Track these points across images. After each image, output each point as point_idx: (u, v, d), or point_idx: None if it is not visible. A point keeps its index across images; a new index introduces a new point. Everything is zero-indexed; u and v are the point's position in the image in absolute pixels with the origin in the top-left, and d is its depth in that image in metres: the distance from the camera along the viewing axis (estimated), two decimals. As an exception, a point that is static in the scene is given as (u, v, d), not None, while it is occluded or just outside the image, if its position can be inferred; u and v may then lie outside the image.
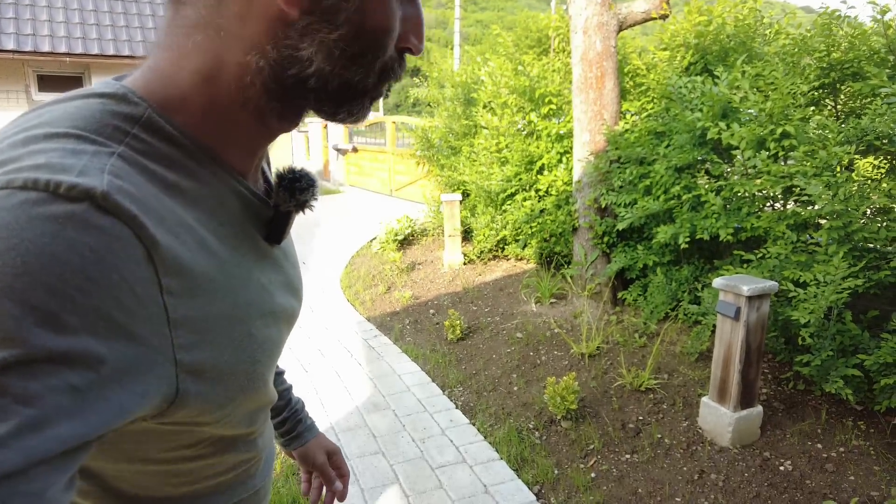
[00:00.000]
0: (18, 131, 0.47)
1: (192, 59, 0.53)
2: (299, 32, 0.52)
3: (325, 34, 0.53)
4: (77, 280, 0.40)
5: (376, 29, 0.55)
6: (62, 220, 0.41)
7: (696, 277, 3.84)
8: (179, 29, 0.54)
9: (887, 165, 3.36)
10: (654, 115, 4.32)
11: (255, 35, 0.52)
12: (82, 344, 0.40)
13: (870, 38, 3.43)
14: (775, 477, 2.53)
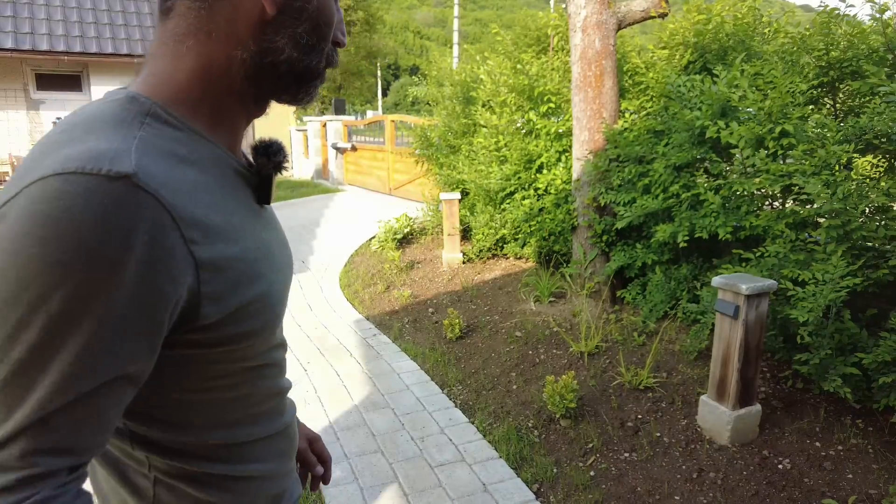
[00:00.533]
0: (60, 132, 0.60)
1: (186, 60, 0.66)
2: (274, 28, 0.68)
3: (294, 28, 0.69)
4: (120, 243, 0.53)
5: (327, 23, 0.72)
6: (107, 198, 0.53)
7: (695, 276, 3.84)
8: (171, 38, 0.67)
9: (886, 164, 3.36)
10: (653, 113, 4.33)
11: (241, 33, 0.67)
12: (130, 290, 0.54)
13: (868, 36, 3.43)
14: (774, 475, 2.54)
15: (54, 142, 0.58)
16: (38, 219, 0.52)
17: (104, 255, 0.52)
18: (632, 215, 3.86)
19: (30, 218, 0.52)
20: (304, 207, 9.72)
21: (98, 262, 0.52)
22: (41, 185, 0.53)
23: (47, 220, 0.52)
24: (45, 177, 0.53)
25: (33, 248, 0.51)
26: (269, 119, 4.15)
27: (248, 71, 0.69)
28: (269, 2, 0.67)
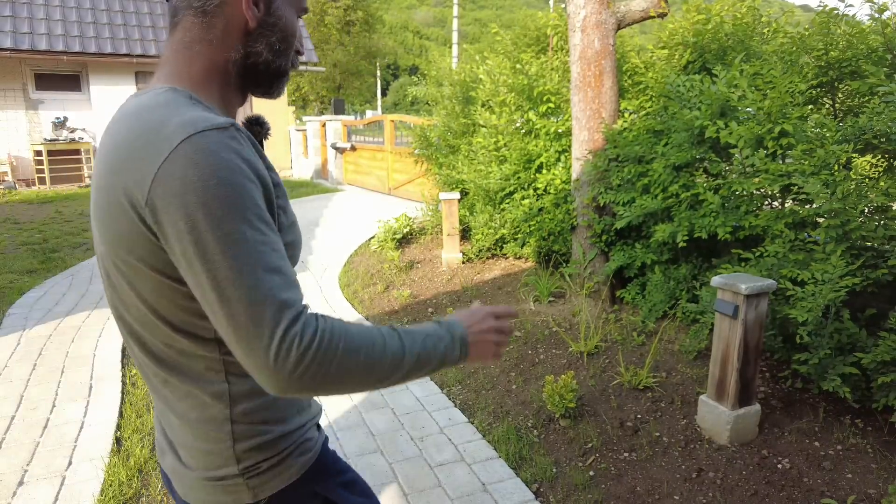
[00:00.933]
0: (147, 113, 0.81)
1: (197, 61, 0.89)
2: (255, 37, 0.91)
3: (268, 37, 0.92)
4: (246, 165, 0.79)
5: (292, 34, 0.96)
6: (227, 137, 0.78)
7: (695, 276, 3.84)
8: (181, 45, 0.89)
9: (885, 164, 3.36)
10: (652, 113, 4.33)
11: (232, 41, 0.90)
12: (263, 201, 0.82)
13: (868, 36, 3.44)
14: (773, 475, 2.54)
15: (155, 119, 0.79)
16: (211, 157, 0.75)
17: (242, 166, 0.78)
18: (631, 215, 3.86)
19: (206, 159, 0.75)
20: (304, 207, 9.72)
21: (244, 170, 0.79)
22: (188, 142, 0.75)
23: (218, 156, 0.76)
24: (186, 137, 0.76)
25: (223, 176, 0.75)
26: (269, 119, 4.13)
27: (238, 68, 0.92)
28: (251, 17, 0.90)
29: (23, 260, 6.23)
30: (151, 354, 0.89)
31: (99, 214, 0.84)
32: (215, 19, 0.88)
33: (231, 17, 0.89)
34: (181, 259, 0.77)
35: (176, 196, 0.74)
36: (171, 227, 0.75)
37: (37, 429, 2.98)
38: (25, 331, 4.27)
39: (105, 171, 0.82)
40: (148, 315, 0.85)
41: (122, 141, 0.80)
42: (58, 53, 12.15)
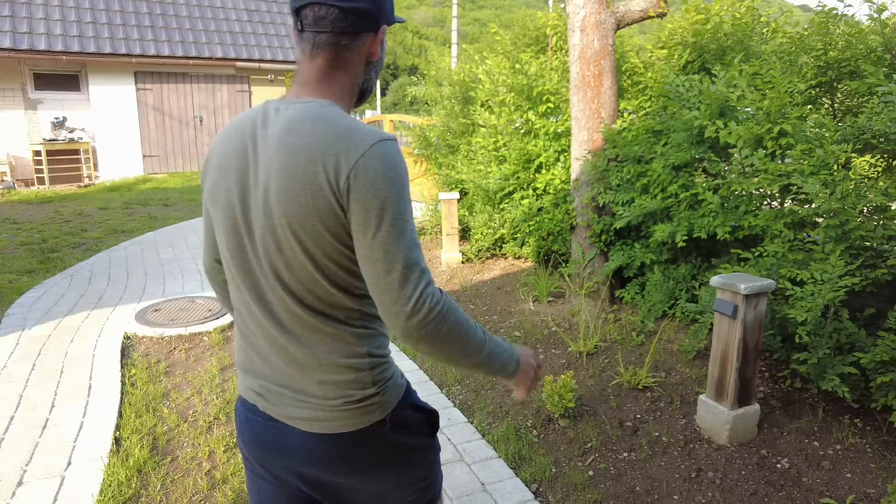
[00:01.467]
0: (332, 122, 1.07)
1: (336, 83, 1.16)
2: (369, 68, 1.20)
3: (376, 67, 1.22)
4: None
5: (381, 65, 1.25)
6: (396, 147, 1.07)
7: (694, 276, 3.85)
8: (321, 71, 1.14)
9: (884, 164, 3.37)
10: (651, 113, 4.33)
11: (360, 70, 1.18)
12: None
13: (867, 36, 3.44)
14: (772, 474, 2.54)
15: (343, 126, 1.06)
16: (394, 159, 1.05)
17: (405, 168, 1.08)
18: (630, 215, 3.86)
19: (391, 160, 1.04)
20: (303, 207, 9.71)
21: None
22: (378, 146, 1.04)
23: (397, 159, 1.06)
24: (376, 142, 1.04)
25: (401, 173, 1.06)
26: None
27: (359, 89, 1.21)
28: (376, 53, 1.20)
29: (22, 260, 6.23)
30: (307, 307, 1.12)
31: (287, 191, 1.06)
32: (353, 54, 1.15)
33: (363, 53, 1.17)
34: (361, 227, 1.03)
35: (370, 182, 1.02)
36: (360, 204, 1.02)
37: (36, 429, 2.98)
38: (24, 331, 4.27)
39: (300, 159, 1.04)
40: (314, 274, 1.09)
41: (318, 139, 1.05)
42: (57, 53, 12.14)
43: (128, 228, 8.02)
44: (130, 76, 13.46)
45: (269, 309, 1.15)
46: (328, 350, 1.14)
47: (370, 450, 1.18)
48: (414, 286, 1.03)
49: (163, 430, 2.99)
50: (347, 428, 1.15)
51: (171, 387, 3.47)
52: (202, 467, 2.69)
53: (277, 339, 1.16)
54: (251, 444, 1.26)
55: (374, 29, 1.17)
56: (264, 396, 1.21)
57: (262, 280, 1.14)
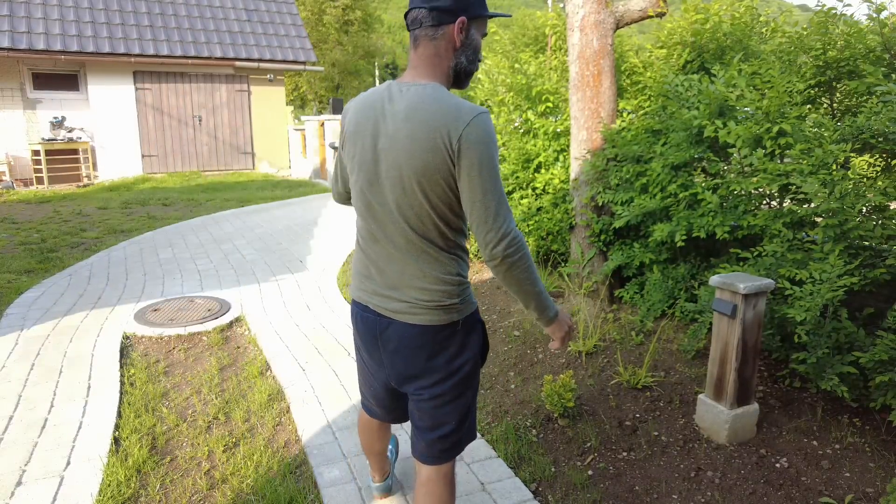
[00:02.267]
0: (438, 99, 1.50)
1: (438, 68, 1.59)
2: (460, 51, 1.59)
3: (466, 52, 1.60)
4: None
5: (477, 50, 1.63)
6: (490, 118, 1.51)
7: (693, 275, 3.85)
8: (424, 58, 1.58)
9: (883, 163, 3.37)
10: (650, 113, 4.33)
11: (450, 55, 1.59)
12: None
13: (866, 36, 3.44)
14: (771, 474, 2.54)
15: (453, 102, 1.49)
16: (488, 127, 1.48)
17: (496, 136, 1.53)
18: (629, 215, 3.86)
19: (486, 128, 1.47)
20: (302, 207, 9.72)
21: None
22: (479, 117, 1.47)
23: (490, 128, 1.48)
24: (478, 114, 1.47)
25: (493, 137, 1.48)
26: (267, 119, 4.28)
27: (453, 73, 1.61)
28: (458, 40, 1.56)
29: (20, 260, 6.22)
30: (419, 234, 1.59)
31: (414, 152, 1.49)
32: (441, 42, 1.57)
33: (450, 41, 1.58)
34: (466, 177, 1.48)
35: (474, 143, 1.46)
36: (466, 160, 1.47)
37: (35, 429, 2.98)
38: (23, 331, 4.27)
39: (423, 129, 1.48)
40: (428, 211, 1.55)
41: (436, 111, 1.48)
42: (55, 53, 12.13)
43: (127, 228, 8.02)
44: (129, 76, 13.46)
45: (389, 235, 1.62)
46: (431, 267, 1.62)
47: (442, 340, 1.69)
48: (503, 220, 1.50)
49: (162, 430, 2.99)
50: (434, 322, 1.66)
51: (170, 386, 3.47)
52: (201, 467, 2.69)
53: (393, 256, 1.64)
54: (364, 335, 1.78)
55: (453, 21, 1.55)
56: (377, 298, 1.71)
57: (388, 214, 1.60)
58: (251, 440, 2.90)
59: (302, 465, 2.70)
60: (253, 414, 3.15)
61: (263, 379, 3.56)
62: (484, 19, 1.64)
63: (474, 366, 1.77)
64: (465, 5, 1.56)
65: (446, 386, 1.72)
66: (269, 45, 14.87)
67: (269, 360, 3.81)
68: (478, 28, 1.62)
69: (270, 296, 5.15)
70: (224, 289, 5.33)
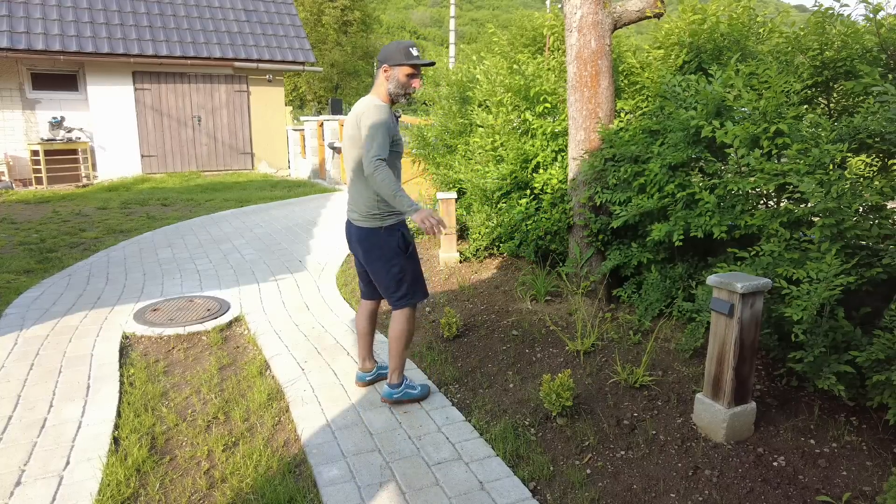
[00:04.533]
0: (366, 101, 2.96)
1: (382, 89, 3.00)
2: (389, 83, 3.01)
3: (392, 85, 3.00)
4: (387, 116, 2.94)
5: (404, 84, 2.99)
6: (384, 107, 2.94)
7: (691, 275, 3.86)
8: (378, 81, 3.01)
9: (879, 163, 3.38)
10: (648, 113, 4.34)
11: (387, 86, 3.01)
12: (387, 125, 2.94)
13: (862, 36, 3.45)
14: (769, 472, 2.56)
15: (366, 103, 2.93)
16: (372, 111, 2.88)
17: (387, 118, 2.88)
18: (627, 214, 3.87)
19: (371, 112, 2.88)
20: (301, 207, 9.72)
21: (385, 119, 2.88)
22: (371, 107, 2.90)
23: (375, 111, 2.88)
24: (371, 104, 2.91)
25: (375, 118, 2.85)
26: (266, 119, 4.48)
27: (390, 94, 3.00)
28: (385, 77, 2.97)
29: (20, 260, 6.23)
30: (357, 174, 2.98)
31: (348, 126, 2.98)
32: (388, 76, 2.95)
33: (391, 78, 2.94)
34: (363, 135, 2.86)
35: (366, 118, 2.84)
36: (364, 130, 2.84)
37: (34, 429, 2.98)
38: (23, 331, 4.27)
39: (353, 113, 2.95)
40: (357, 157, 2.95)
41: (359, 106, 2.94)
42: (54, 53, 12.13)
43: (126, 228, 8.02)
44: (128, 76, 13.46)
45: (350, 174, 3.01)
46: (366, 194, 2.95)
47: (373, 237, 3.00)
48: (373, 156, 2.74)
49: (161, 430, 3.00)
50: (368, 225, 2.99)
51: (169, 386, 3.48)
52: (201, 466, 2.70)
53: (352, 187, 3.02)
54: (347, 236, 3.16)
55: (379, 66, 2.99)
56: (349, 213, 3.08)
57: (348, 162, 3.02)
58: (250, 439, 2.91)
59: (301, 464, 2.70)
60: (252, 413, 3.16)
61: (263, 378, 3.56)
62: (403, 66, 2.91)
63: (395, 253, 3.00)
64: (387, 58, 2.93)
65: (377, 265, 3.02)
66: (268, 46, 14.87)
67: (269, 360, 3.82)
68: (401, 70, 2.91)
69: (270, 295, 5.15)
70: (223, 289, 5.34)
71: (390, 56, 2.90)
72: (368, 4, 39.15)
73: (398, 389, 3.20)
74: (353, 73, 36.36)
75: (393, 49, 2.91)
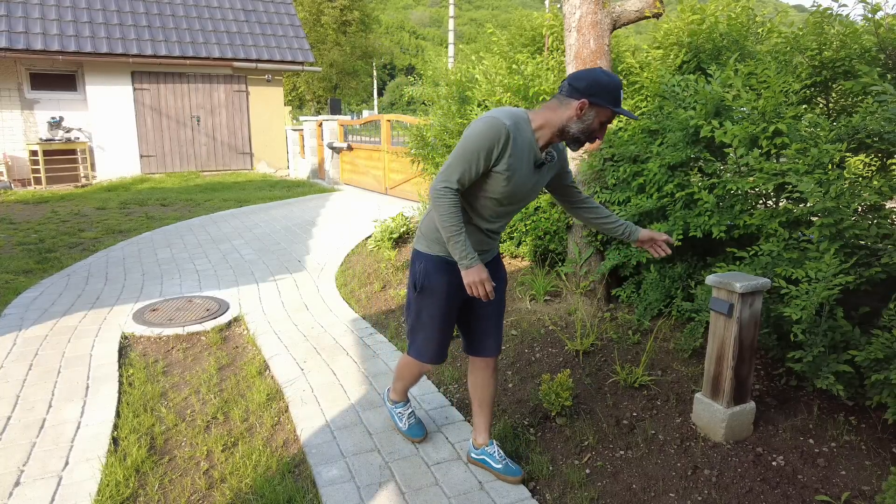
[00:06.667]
0: (492, 110, 2.15)
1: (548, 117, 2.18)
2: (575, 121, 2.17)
3: (577, 126, 2.17)
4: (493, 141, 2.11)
5: (593, 129, 2.18)
6: (498, 126, 2.09)
7: (690, 275, 3.86)
8: (544, 107, 2.19)
9: (878, 163, 3.38)
10: (647, 113, 4.34)
11: (562, 117, 2.17)
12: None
13: (861, 36, 3.46)
14: (768, 472, 2.56)
15: (500, 111, 2.15)
16: (478, 124, 2.11)
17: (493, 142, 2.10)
18: (626, 214, 3.87)
19: (476, 124, 2.11)
20: (300, 207, 9.71)
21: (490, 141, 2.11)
22: (481, 117, 2.12)
23: (481, 125, 2.10)
24: (477, 119, 2.12)
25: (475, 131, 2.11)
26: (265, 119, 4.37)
27: (558, 130, 2.18)
28: (577, 113, 2.12)
29: (19, 260, 6.22)
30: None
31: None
32: (563, 107, 2.15)
33: (566, 112, 2.14)
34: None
35: (473, 126, 2.12)
36: None
37: (33, 429, 2.98)
38: (22, 331, 4.27)
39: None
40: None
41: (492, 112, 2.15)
42: (53, 53, 12.12)
43: (125, 228, 8.02)
44: (127, 76, 13.45)
45: None
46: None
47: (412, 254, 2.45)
48: (442, 174, 2.14)
49: (161, 430, 2.99)
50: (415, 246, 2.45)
51: (168, 386, 3.48)
52: (200, 467, 2.69)
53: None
54: None
55: (578, 98, 2.14)
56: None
57: None
58: (250, 440, 2.91)
59: (300, 464, 2.70)
60: (251, 413, 3.16)
61: (262, 378, 3.56)
62: (607, 109, 2.12)
63: (411, 283, 2.46)
64: (592, 92, 2.09)
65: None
66: (266, 46, 14.86)
67: (268, 360, 3.82)
68: (598, 114, 2.11)
69: (269, 296, 5.15)
70: (222, 289, 5.33)
71: (598, 92, 2.09)
72: (367, 4, 39.15)
73: (389, 406, 2.96)
74: (353, 72, 36.34)
75: (603, 84, 2.10)
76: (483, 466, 2.62)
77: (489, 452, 2.60)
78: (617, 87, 2.09)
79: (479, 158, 2.07)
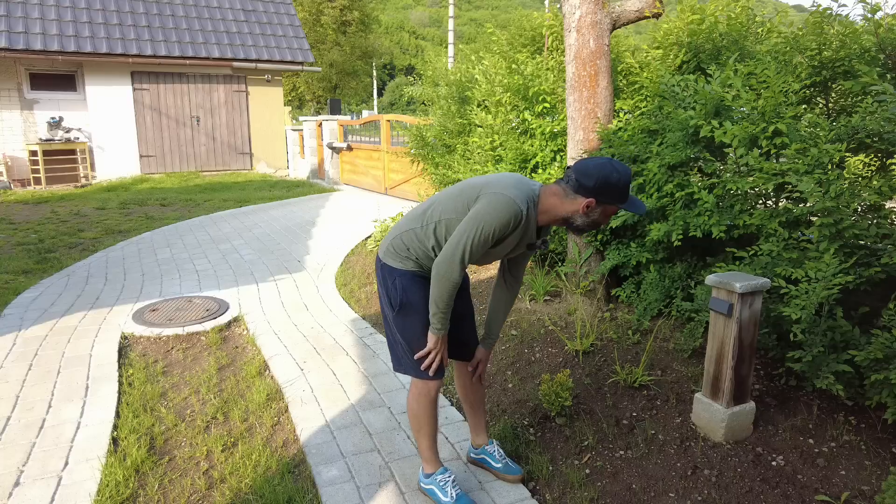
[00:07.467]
0: (510, 181, 2.12)
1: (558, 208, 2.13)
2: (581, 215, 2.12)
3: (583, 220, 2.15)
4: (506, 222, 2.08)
5: (598, 223, 2.17)
6: (516, 211, 2.05)
7: (689, 275, 3.86)
8: (548, 197, 2.13)
9: (878, 163, 3.39)
10: (647, 113, 4.34)
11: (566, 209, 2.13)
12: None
13: (860, 36, 3.46)
14: (767, 472, 2.56)
15: (503, 183, 2.10)
16: (489, 204, 2.05)
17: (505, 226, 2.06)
18: (626, 214, 3.87)
19: (488, 203, 2.06)
20: (300, 207, 9.71)
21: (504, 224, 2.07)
22: (492, 195, 2.07)
23: (493, 207, 2.05)
24: (493, 194, 2.07)
25: (489, 211, 2.05)
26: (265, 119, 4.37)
27: (563, 219, 2.14)
28: (587, 216, 2.10)
29: (18, 260, 6.22)
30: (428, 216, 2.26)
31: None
32: (567, 199, 2.10)
33: (588, 212, 2.08)
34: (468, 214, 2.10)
35: (488, 203, 2.07)
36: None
37: (33, 429, 2.98)
38: (21, 331, 4.27)
39: (482, 180, 2.18)
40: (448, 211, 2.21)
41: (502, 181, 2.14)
42: (53, 53, 12.12)
43: (125, 228, 8.01)
44: (127, 76, 13.45)
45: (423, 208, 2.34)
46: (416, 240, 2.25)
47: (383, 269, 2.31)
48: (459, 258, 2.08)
49: (160, 430, 2.99)
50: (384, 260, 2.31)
51: (168, 386, 3.48)
52: (200, 467, 2.69)
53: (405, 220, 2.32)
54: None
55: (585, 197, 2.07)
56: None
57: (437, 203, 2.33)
58: (249, 440, 2.91)
59: (300, 464, 2.70)
60: (251, 414, 3.16)
61: (262, 379, 3.56)
62: (614, 206, 2.06)
63: (387, 299, 2.32)
64: (601, 192, 2.01)
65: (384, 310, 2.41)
66: (266, 46, 14.86)
67: (268, 360, 3.82)
68: (604, 210, 2.07)
69: (269, 296, 5.15)
70: (222, 289, 5.33)
71: (607, 192, 2.01)
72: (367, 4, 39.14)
73: (426, 481, 2.44)
74: (352, 73, 36.32)
75: (613, 183, 2.00)
76: (483, 466, 2.61)
77: (489, 452, 2.60)
78: (626, 184, 2.00)
79: (491, 238, 2.04)
